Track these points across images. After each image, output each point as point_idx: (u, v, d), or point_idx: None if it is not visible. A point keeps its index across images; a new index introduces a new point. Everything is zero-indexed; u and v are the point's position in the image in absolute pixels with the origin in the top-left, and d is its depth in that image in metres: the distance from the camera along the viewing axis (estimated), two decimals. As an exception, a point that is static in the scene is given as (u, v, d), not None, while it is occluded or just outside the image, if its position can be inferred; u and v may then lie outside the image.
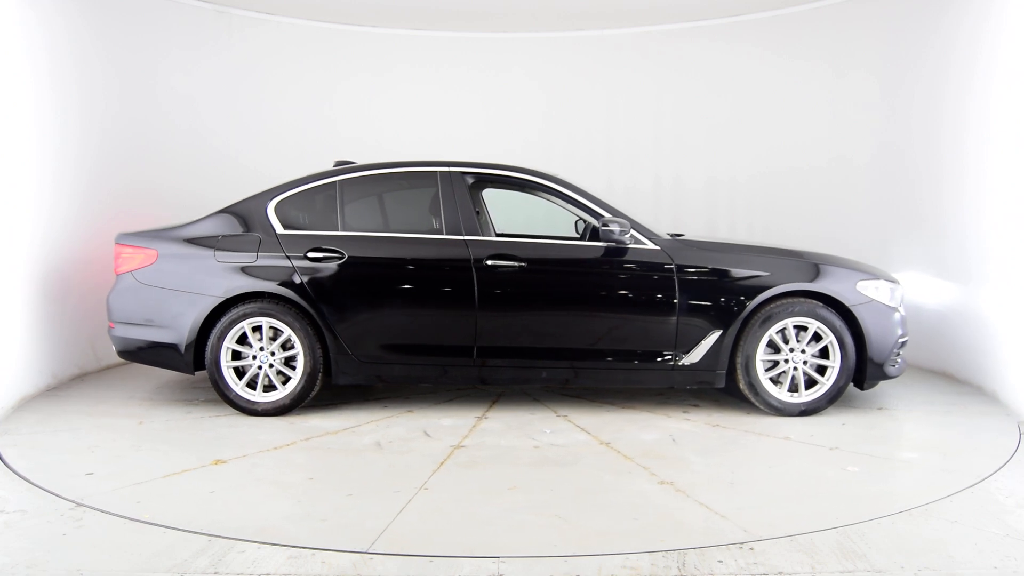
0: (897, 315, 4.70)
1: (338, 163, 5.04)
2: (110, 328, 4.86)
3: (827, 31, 6.78)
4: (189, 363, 4.67)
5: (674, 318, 4.59)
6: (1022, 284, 4.80)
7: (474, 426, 4.55)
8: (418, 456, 3.99)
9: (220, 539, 2.95)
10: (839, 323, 4.59)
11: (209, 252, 4.70)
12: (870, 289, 4.66)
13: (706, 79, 7.42)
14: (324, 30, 7.44)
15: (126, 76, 6.21)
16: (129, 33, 6.25)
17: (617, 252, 4.65)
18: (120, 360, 5.85)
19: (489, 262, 4.61)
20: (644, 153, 7.58)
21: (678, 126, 7.50)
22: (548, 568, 2.74)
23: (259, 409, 4.67)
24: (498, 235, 4.97)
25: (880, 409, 4.89)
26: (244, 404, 4.68)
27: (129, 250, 4.79)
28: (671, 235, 4.88)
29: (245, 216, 4.79)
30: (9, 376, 4.86)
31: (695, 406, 4.97)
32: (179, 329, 4.65)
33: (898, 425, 4.62)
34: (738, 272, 4.63)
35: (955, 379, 5.63)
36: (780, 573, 2.70)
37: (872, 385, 4.81)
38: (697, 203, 7.45)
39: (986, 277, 5.24)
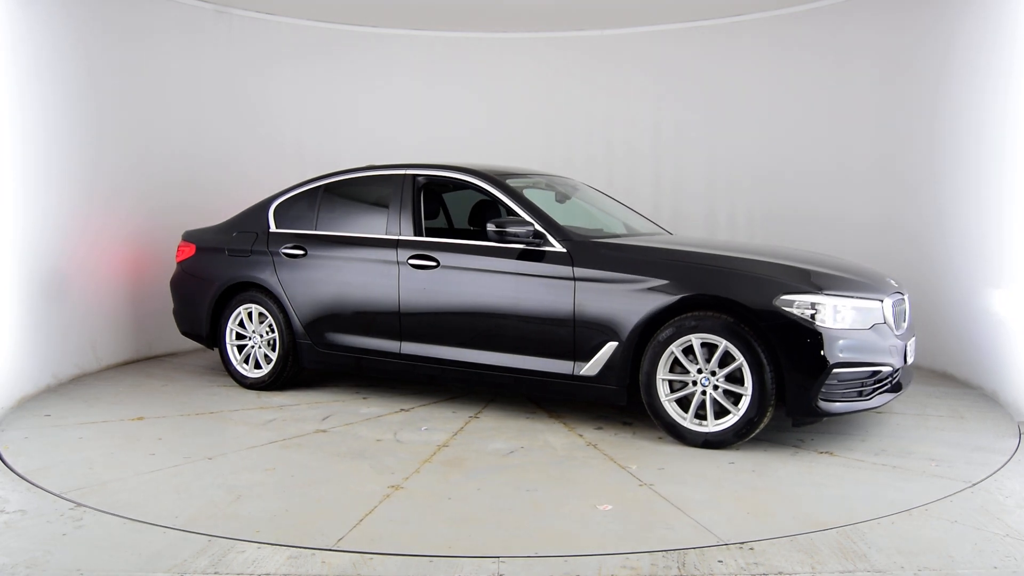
0: (842, 341, 3.83)
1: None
2: (173, 309, 5.88)
3: (828, 30, 6.77)
4: (208, 340, 5.60)
5: (571, 325, 4.29)
6: (1022, 284, 4.79)
7: (376, 417, 4.68)
8: (274, 434, 4.33)
9: (220, 539, 2.96)
10: (755, 343, 3.86)
11: (224, 247, 5.51)
12: (798, 305, 3.84)
13: (707, 79, 7.41)
14: (324, 30, 7.44)
15: (125, 76, 6.19)
16: (129, 32, 6.25)
17: (530, 255, 4.41)
18: (122, 360, 6.25)
19: (411, 262, 4.72)
20: (644, 152, 7.57)
21: (678, 125, 7.48)
22: (548, 568, 2.74)
23: (247, 383, 5.37)
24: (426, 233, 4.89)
25: (822, 453, 3.99)
26: (239, 377, 5.43)
27: (183, 244, 5.77)
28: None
29: (254, 216, 5.51)
30: (8, 376, 4.86)
31: (627, 424, 4.49)
32: (201, 311, 5.53)
33: (792, 476, 3.65)
34: (632, 277, 4.15)
35: (955, 379, 5.62)
36: (780, 573, 2.70)
37: (803, 422, 4.04)
38: (697, 203, 7.44)
39: (986, 277, 5.24)
